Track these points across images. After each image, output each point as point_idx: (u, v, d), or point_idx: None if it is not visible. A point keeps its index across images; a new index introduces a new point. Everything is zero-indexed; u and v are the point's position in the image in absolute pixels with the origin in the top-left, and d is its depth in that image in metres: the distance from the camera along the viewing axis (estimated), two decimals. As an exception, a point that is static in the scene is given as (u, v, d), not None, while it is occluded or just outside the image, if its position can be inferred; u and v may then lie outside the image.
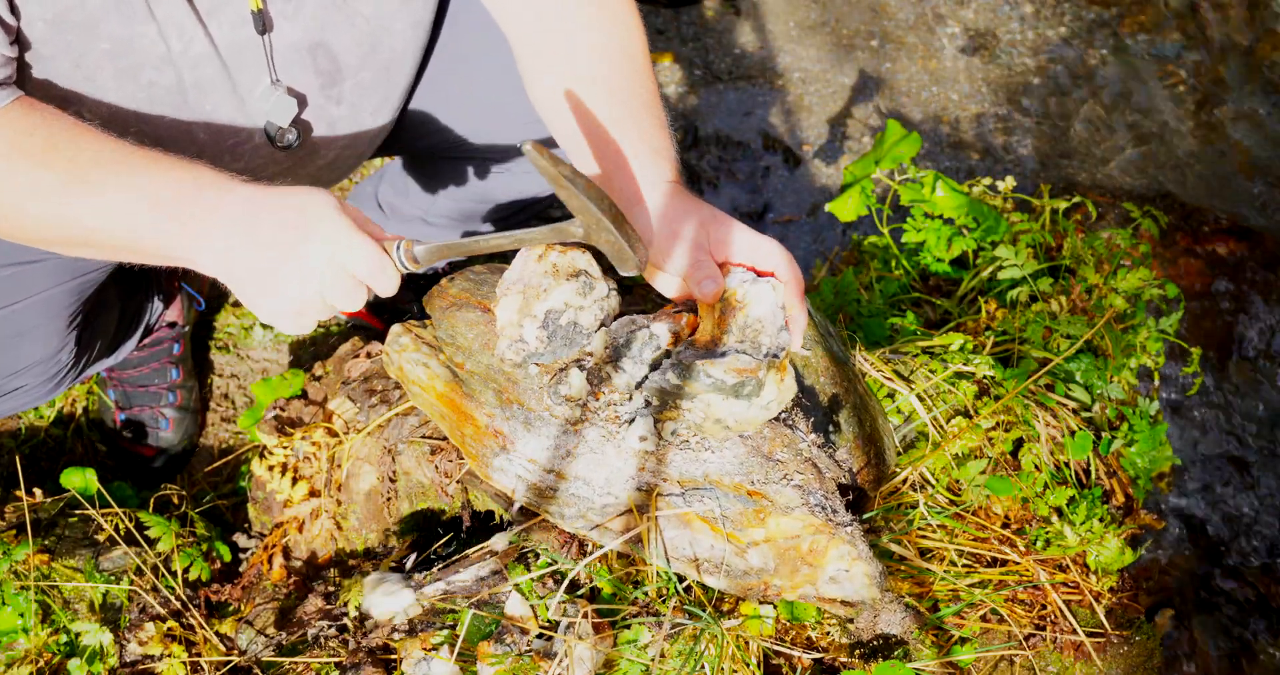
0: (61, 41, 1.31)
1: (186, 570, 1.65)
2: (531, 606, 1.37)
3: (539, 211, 2.11)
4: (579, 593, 1.38)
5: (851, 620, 1.42)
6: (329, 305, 1.24)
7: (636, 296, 2.36)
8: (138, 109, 1.41)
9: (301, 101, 1.50)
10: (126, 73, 1.36)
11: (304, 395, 1.84)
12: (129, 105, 1.40)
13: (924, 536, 1.51)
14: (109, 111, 1.40)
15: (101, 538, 1.70)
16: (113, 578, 1.64)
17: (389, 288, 1.24)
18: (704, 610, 1.34)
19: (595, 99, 1.40)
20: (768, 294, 1.29)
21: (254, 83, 1.44)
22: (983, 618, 1.48)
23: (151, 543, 1.68)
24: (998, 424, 1.60)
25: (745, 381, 1.26)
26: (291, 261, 1.20)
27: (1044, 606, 1.52)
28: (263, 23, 1.39)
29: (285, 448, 1.70)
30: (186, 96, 1.42)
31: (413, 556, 1.54)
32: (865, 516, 1.46)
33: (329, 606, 1.53)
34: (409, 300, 2.42)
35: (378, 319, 2.41)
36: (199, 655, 1.56)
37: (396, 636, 1.42)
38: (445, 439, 1.53)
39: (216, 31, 1.38)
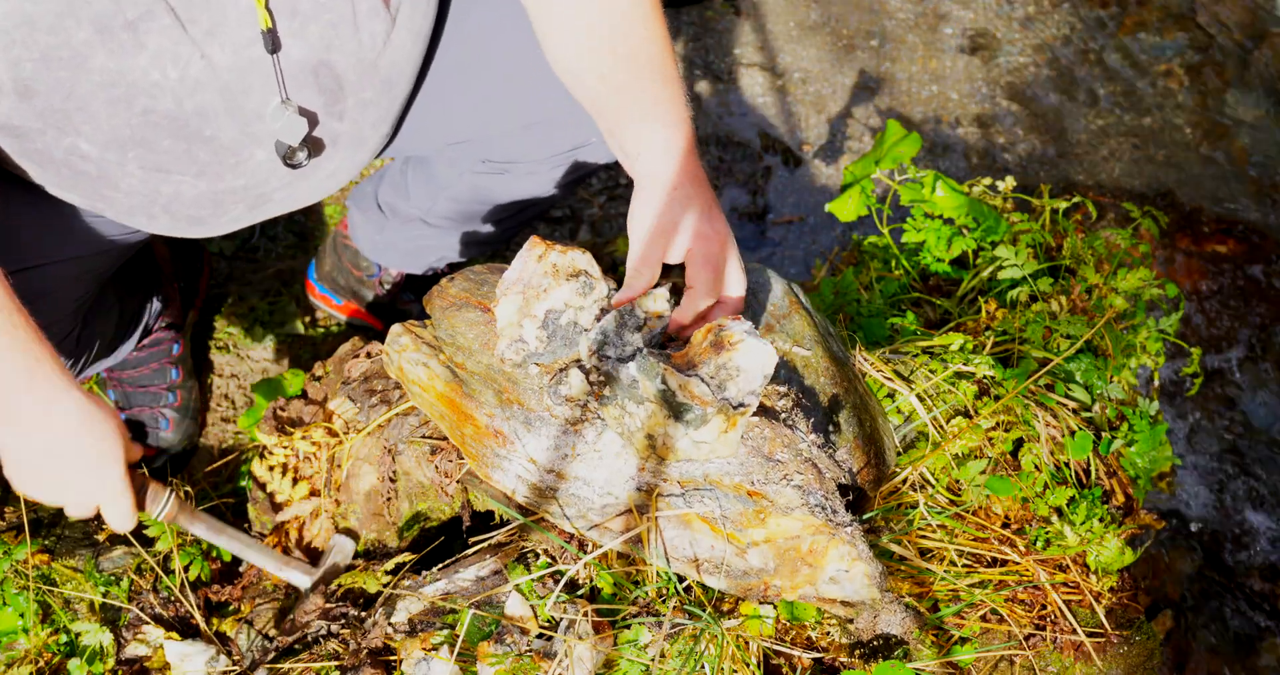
0: (51, 78, 1.31)
1: (186, 569, 1.65)
2: (531, 606, 1.37)
3: (539, 213, 2.11)
4: (579, 593, 1.38)
5: (851, 620, 1.42)
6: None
7: (636, 296, 2.36)
8: (135, 136, 1.41)
9: (312, 120, 1.49)
10: (120, 102, 1.36)
11: (304, 395, 1.84)
12: (126, 132, 1.40)
13: (924, 536, 1.51)
14: (107, 138, 1.40)
15: (101, 538, 1.70)
16: (113, 578, 1.64)
17: (121, 527, 1.46)
18: (704, 610, 1.34)
19: (603, 60, 1.46)
20: (761, 352, 1.28)
21: (261, 103, 1.44)
22: (983, 618, 1.48)
23: (150, 542, 1.68)
24: (998, 424, 1.60)
25: (692, 407, 1.26)
26: (67, 483, 1.39)
27: (1044, 606, 1.52)
28: (273, 42, 1.38)
29: (285, 448, 1.70)
30: (186, 122, 1.41)
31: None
32: (865, 516, 1.46)
33: (329, 606, 1.53)
34: (409, 300, 2.41)
35: (377, 319, 2.41)
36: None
37: (397, 636, 1.42)
38: (445, 439, 1.53)
39: (217, 54, 1.36)
